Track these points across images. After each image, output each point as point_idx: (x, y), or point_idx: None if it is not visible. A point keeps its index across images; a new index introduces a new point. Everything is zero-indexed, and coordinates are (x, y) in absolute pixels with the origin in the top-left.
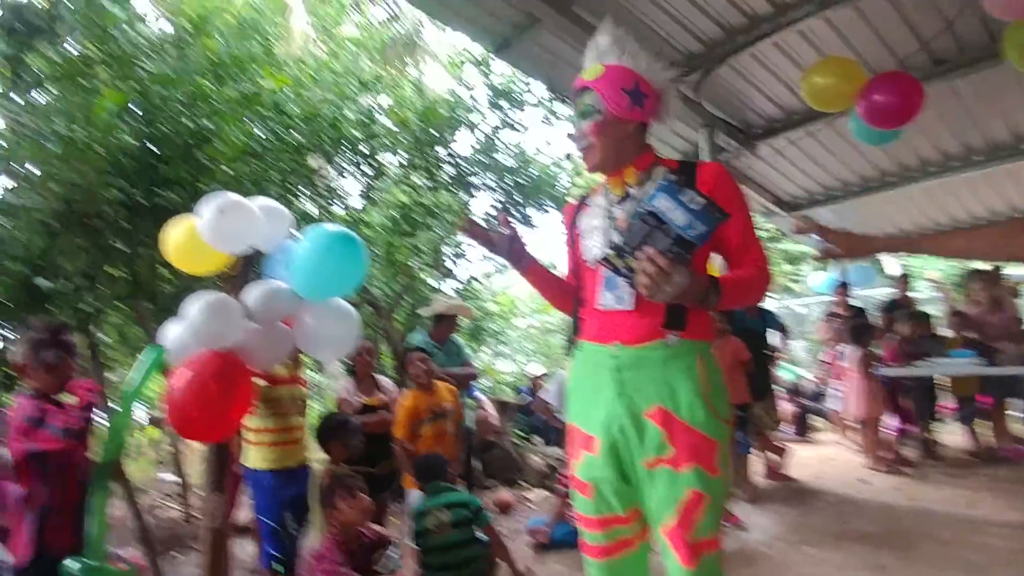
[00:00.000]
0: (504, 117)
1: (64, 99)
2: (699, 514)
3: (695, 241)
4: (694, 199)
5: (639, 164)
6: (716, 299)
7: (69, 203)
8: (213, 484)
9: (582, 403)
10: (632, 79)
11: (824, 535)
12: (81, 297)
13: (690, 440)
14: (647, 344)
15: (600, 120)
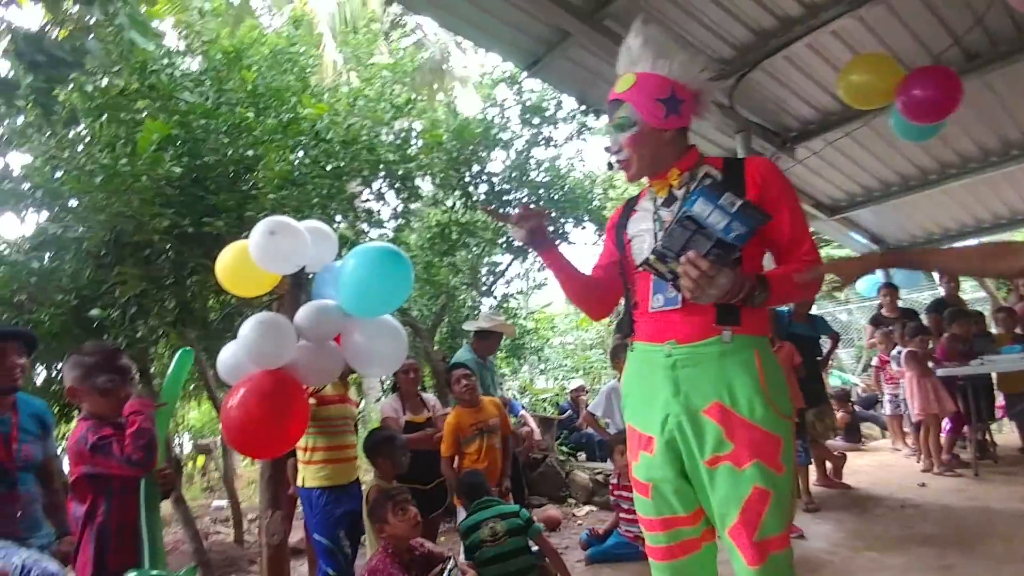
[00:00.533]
0: (536, 133)
1: (103, 131)
2: (764, 512)
3: (735, 243)
4: (733, 201)
5: (682, 165)
6: (764, 296)
7: (118, 233)
8: (270, 501)
9: (639, 404)
10: (667, 87)
11: (886, 540)
12: (133, 325)
13: (750, 436)
14: (702, 341)
15: (636, 132)
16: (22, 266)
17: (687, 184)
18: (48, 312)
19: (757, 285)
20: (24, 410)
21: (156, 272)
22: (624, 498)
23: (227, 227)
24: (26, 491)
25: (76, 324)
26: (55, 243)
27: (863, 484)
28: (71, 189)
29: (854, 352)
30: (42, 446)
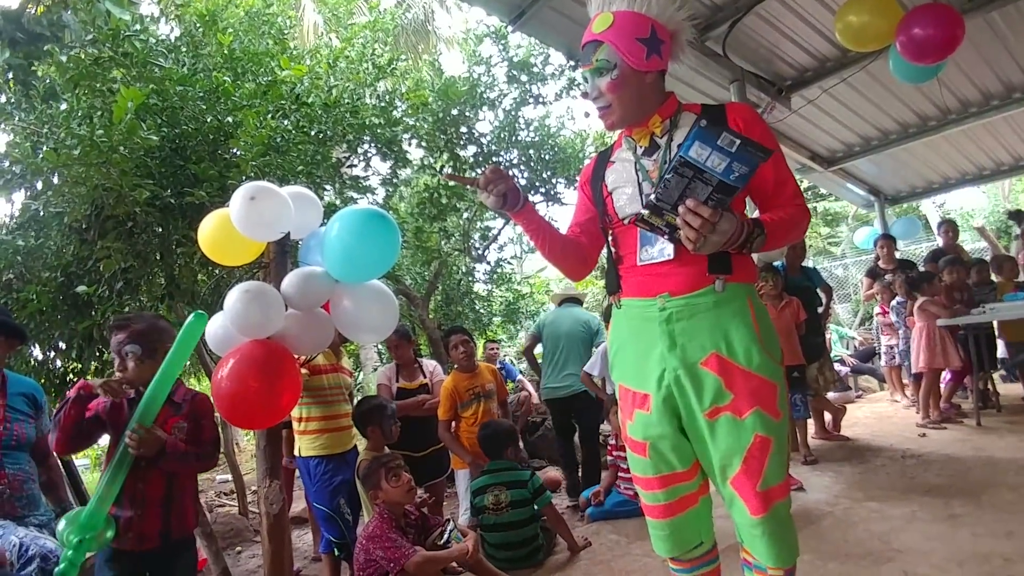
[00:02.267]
0: (525, 91)
1: (80, 103)
2: (766, 460)
3: (737, 184)
4: (732, 140)
5: (664, 112)
6: (762, 240)
7: (99, 207)
8: (267, 471)
9: (632, 362)
10: (647, 25)
11: (889, 490)
12: (121, 301)
13: (749, 384)
14: (695, 292)
15: (617, 76)
16: (8, 244)
17: (669, 132)
18: (35, 290)
19: (754, 230)
20: (13, 390)
21: (141, 246)
22: (621, 458)
23: (210, 197)
24: (19, 470)
25: (64, 301)
26: (39, 221)
27: (862, 436)
28: (50, 164)
29: (851, 306)
30: (34, 425)
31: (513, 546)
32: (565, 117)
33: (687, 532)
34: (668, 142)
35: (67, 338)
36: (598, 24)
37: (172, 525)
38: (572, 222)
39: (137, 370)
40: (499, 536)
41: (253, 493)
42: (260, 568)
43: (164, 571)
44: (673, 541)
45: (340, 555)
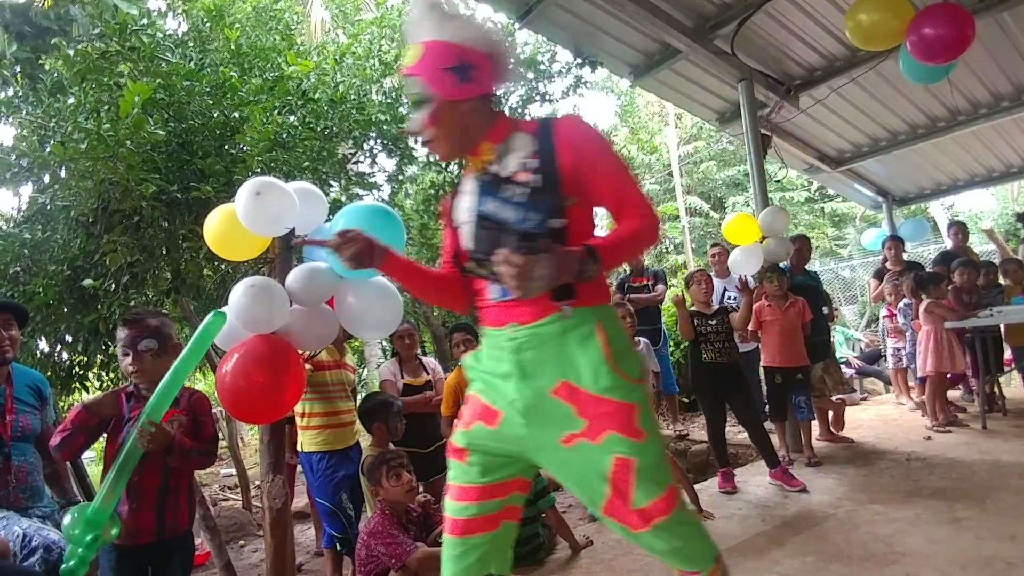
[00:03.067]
0: (531, 88)
1: (87, 96)
2: (631, 482)
3: (539, 231)
4: (515, 192)
5: (494, 137)
6: (595, 269)
7: (105, 201)
8: (270, 466)
9: (490, 381)
10: (454, 53)
11: (893, 493)
12: (127, 295)
13: (600, 409)
14: (541, 321)
15: (433, 109)
16: (15, 238)
17: (504, 156)
18: (42, 283)
19: (586, 259)
20: (20, 381)
21: (148, 241)
22: None
23: (216, 192)
24: (24, 461)
25: (70, 295)
26: (46, 215)
27: (867, 438)
28: (57, 158)
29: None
30: (39, 416)
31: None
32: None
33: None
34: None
35: (73, 331)
36: (409, 57)
37: (167, 520)
38: (443, 258)
39: (152, 365)
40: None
41: (257, 487)
42: (263, 562)
43: (161, 566)
44: (462, 565)
45: (342, 550)
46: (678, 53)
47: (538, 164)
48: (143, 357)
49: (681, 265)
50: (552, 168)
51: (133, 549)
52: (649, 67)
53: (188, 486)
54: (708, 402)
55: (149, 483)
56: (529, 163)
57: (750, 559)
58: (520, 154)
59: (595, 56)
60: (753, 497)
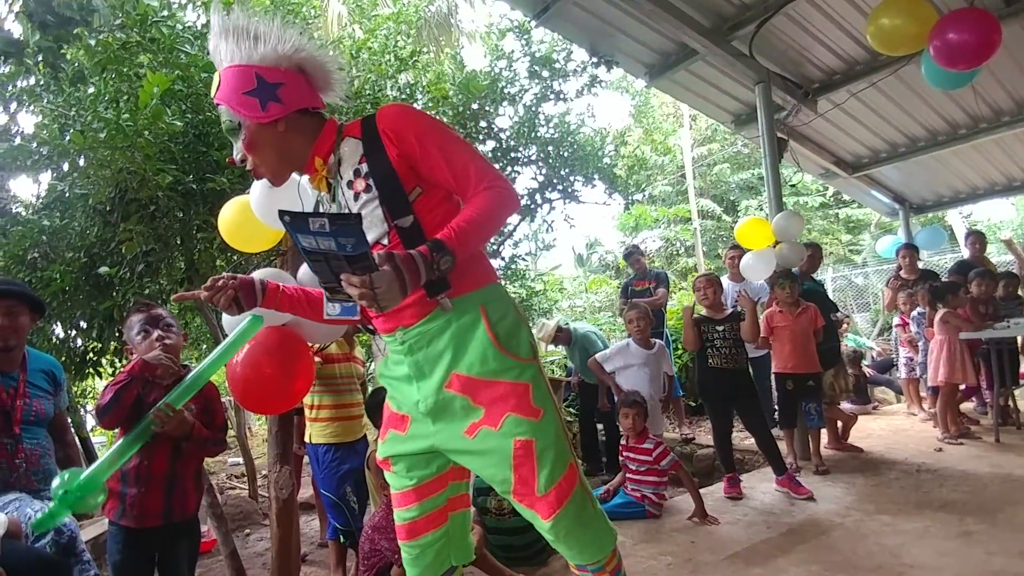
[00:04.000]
0: (546, 87)
1: (108, 87)
2: (534, 463)
3: (361, 251)
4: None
5: (321, 150)
6: (450, 259)
7: (123, 190)
8: (278, 456)
9: (395, 389)
10: (250, 76)
11: (902, 504)
12: (142, 283)
13: (493, 392)
14: (425, 319)
15: (246, 135)
16: (34, 224)
17: (339, 167)
18: (59, 269)
19: (433, 255)
20: (34, 366)
21: (163, 230)
22: (631, 459)
23: (230, 183)
24: (36, 445)
25: (86, 282)
26: (64, 202)
27: (876, 448)
28: (77, 146)
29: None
30: (53, 402)
31: (515, 548)
32: (585, 115)
33: (437, 553)
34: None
35: (88, 317)
36: (213, 86)
37: (174, 505)
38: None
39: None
40: (501, 539)
41: (263, 477)
42: (268, 551)
43: (167, 551)
44: (422, 564)
45: (345, 542)
46: (695, 54)
47: (367, 167)
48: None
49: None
50: (384, 166)
51: (140, 532)
52: (665, 67)
53: (196, 472)
54: (714, 407)
55: (158, 467)
56: (360, 168)
57: (755, 566)
58: (351, 161)
59: (611, 55)
60: (759, 504)
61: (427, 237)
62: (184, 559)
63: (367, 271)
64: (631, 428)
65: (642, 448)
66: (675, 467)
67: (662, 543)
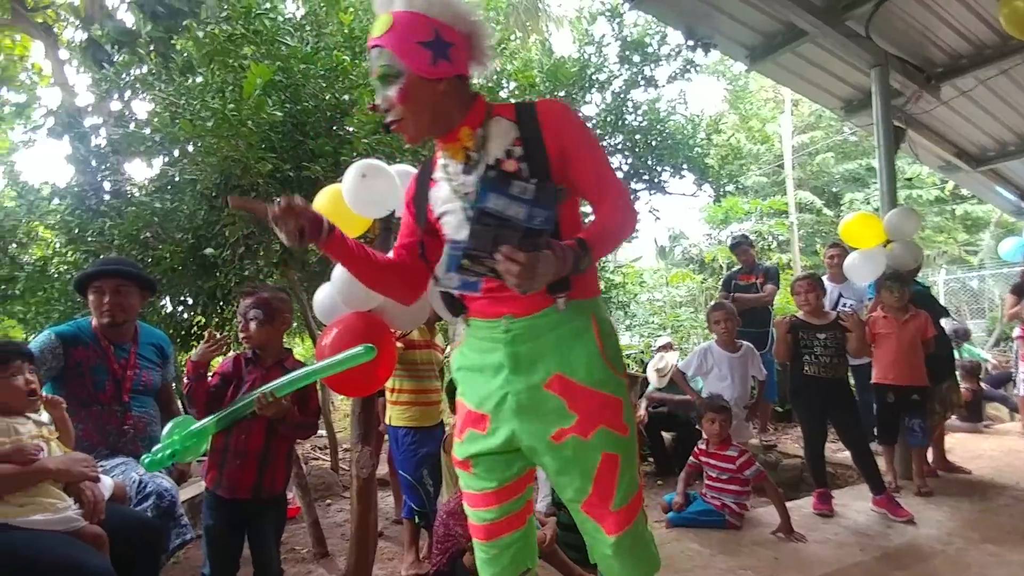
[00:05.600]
0: (636, 72)
1: (215, 77)
2: (616, 478)
3: (544, 227)
4: (524, 188)
5: (472, 121)
6: (588, 261)
7: (227, 176)
8: (360, 436)
9: (475, 381)
10: (429, 27)
11: (1010, 533)
12: (242, 264)
13: (592, 402)
14: (537, 313)
15: (403, 85)
16: (147, 206)
17: (484, 143)
18: (169, 249)
19: (580, 253)
20: (144, 339)
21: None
22: (710, 465)
23: (324, 172)
24: (144, 413)
25: (193, 262)
26: (175, 186)
27: (985, 470)
28: (186, 134)
29: (986, 323)
30: (161, 373)
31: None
32: (676, 101)
33: (514, 556)
34: (483, 157)
35: (194, 294)
36: (377, 27)
37: (264, 480)
38: (397, 243)
39: (257, 333)
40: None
41: (344, 451)
42: (347, 523)
43: (255, 522)
44: (499, 565)
45: (420, 523)
46: (804, 35)
47: (523, 151)
48: (250, 325)
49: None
50: (541, 156)
51: (232, 502)
52: (769, 49)
53: (287, 452)
54: (807, 417)
55: (254, 444)
56: (514, 150)
57: None
58: (502, 141)
59: (709, 38)
60: (852, 523)
61: (559, 235)
62: (271, 531)
63: (534, 249)
64: (716, 434)
65: (724, 455)
66: (760, 478)
67: (742, 556)
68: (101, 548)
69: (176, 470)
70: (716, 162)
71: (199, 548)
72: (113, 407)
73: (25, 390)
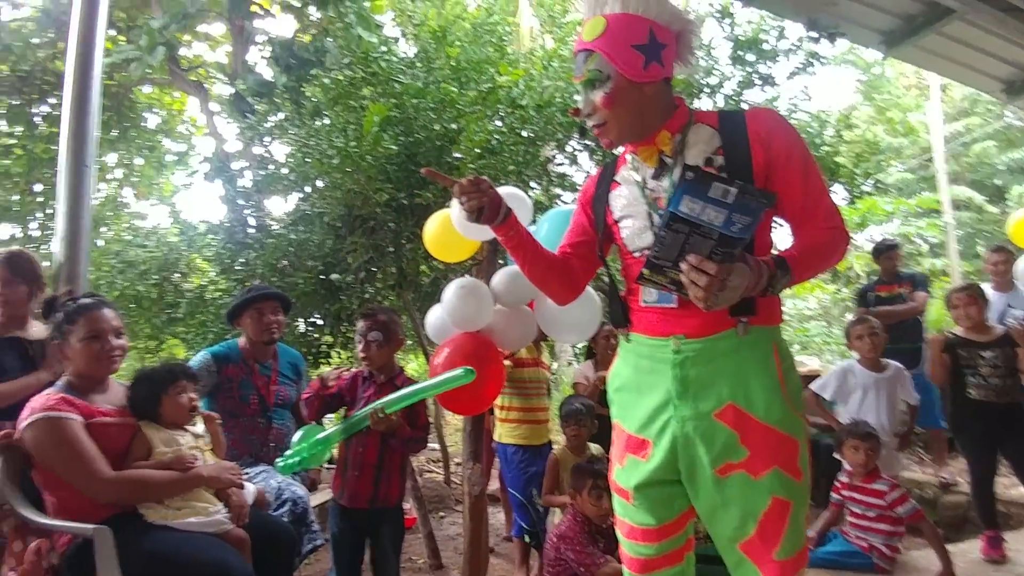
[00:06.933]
0: (750, 72)
1: (339, 118)
2: (784, 526)
3: (742, 236)
4: (725, 191)
5: (672, 126)
6: (787, 280)
7: (350, 208)
8: (471, 454)
9: (634, 403)
10: (644, 29)
11: None
12: (363, 288)
13: (768, 440)
14: (714, 335)
15: (612, 89)
16: (283, 237)
17: (680, 150)
18: (302, 276)
19: (776, 272)
20: (283, 358)
21: (379, 241)
22: (854, 500)
23: (435, 197)
24: (282, 425)
25: (321, 287)
26: (306, 219)
27: None
28: (316, 171)
29: None
30: (296, 388)
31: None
32: (799, 98)
33: None
34: (679, 163)
35: (322, 316)
36: (588, 31)
37: (380, 491)
38: (564, 242)
39: (377, 353)
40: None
41: (456, 464)
42: (459, 536)
43: (373, 532)
44: None
45: (530, 543)
46: (950, 12)
47: (724, 161)
48: (371, 346)
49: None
50: (745, 166)
51: (352, 511)
52: (908, 33)
53: (401, 465)
54: (974, 448)
55: (370, 457)
56: (715, 159)
57: None
58: (704, 148)
59: (835, 27)
60: None
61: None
62: (388, 542)
63: (726, 260)
64: (861, 465)
65: (871, 489)
66: (916, 517)
67: None
68: (244, 551)
69: (308, 478)
70: (849, 160)
71: (327, 552)
72: (257, 419)
73: (188, 406)
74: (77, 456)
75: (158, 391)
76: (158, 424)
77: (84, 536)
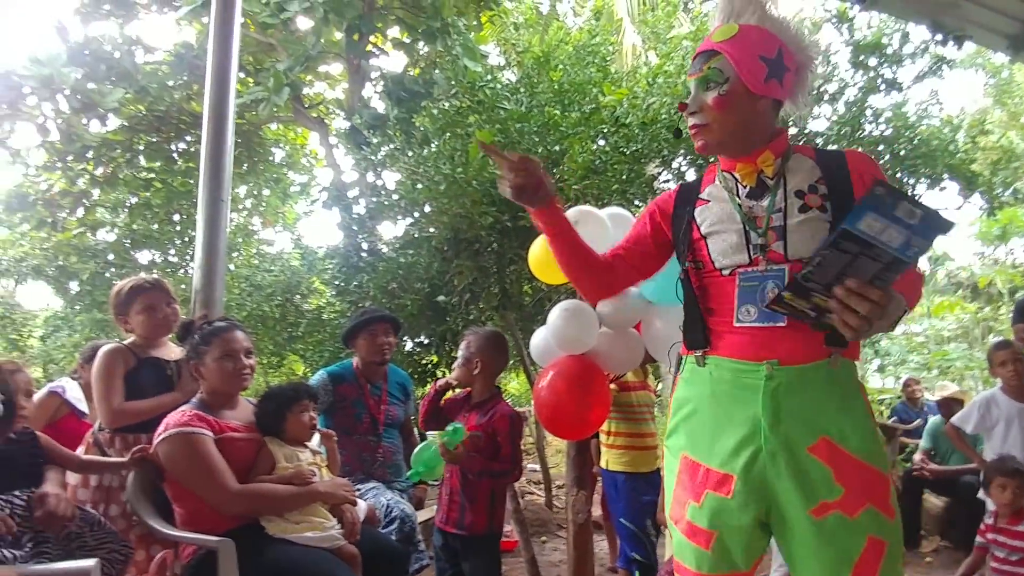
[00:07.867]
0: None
1: (446, 146)
2: (878, 567)
3: (911, 260)
4: (912, 211)
5: (775, 148)
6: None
7: (455, 231)
8: (575, 480)
9: (709, 432)
10: (774, 44)
11: None
12: (468, 309)
13: (862, 477)
14: (810, 364)
15: (726, 92)
16: (393, 261)
17: (781, 173)
18: (410, 298)
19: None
20: (392, 378)
21: (484, 263)
22: (998, 543)
23: None
24: (391, 443)
25: (428, 308)
26: (414, 243)
27: None
28: (424, 197)
29: None
30: (404, 408)
31: None
32: (928, 102)
33: None
34: (780, 185)
35: (429, 337)
36: (720, 33)
37: (465, 518)
38: (619, 244)
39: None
40: None
41: (557, 487)
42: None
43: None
44: None
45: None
46: None
47: (827, 190)
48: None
49: None
50: (848, 195)
51: (444, 532)
52: None
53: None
54: None
55: (454, 482)
56: (818, 187)
57: None
58: (807, 176)
59: (960, 30)
60: None
61: None
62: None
63: (884, 285)
64: (1008, 504)
65: (1017, 532)
66: None
67: None
68: (355, 567)
69: (414, 495)
70: (986, 168)
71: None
72: (368, 438)
73: (309, 424)
74: (207, 469)
75: (283, 409)
76: (281, 440)
77: (208, 547)
